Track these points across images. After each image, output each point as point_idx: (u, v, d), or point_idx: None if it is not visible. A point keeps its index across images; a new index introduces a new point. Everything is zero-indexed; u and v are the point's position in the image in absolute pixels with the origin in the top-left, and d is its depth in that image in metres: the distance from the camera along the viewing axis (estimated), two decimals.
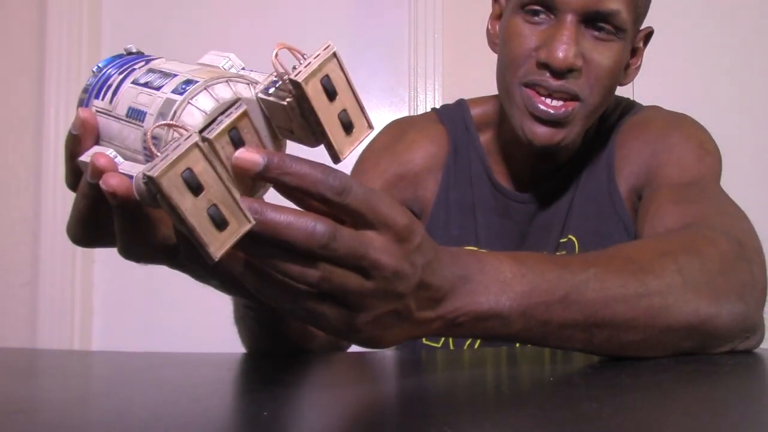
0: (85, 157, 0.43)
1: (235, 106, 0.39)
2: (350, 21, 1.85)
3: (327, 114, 0.40)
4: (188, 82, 0.40)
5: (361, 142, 0.42)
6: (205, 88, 0.39)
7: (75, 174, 0.45)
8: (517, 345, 0.86)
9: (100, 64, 0.47)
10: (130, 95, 0.42)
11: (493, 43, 0.88)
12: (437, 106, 1.01)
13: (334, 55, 0.40)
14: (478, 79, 0.91)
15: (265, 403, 0.44)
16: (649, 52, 0.90)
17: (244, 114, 0.39)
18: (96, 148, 0.43)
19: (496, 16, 0.88)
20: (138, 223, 0.42)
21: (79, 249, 1.84)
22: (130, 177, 0.39)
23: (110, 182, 0.38)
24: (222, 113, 0.39)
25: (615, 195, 0.86)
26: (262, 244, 0.39)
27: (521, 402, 0.45)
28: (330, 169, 0.39)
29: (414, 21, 1.80)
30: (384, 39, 1.85)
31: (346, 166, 0.50)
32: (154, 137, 0.39)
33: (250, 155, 0.38)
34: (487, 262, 0.50)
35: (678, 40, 1.71)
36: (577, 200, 0.87)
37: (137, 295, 1.83)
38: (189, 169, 0.35)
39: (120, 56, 0.47)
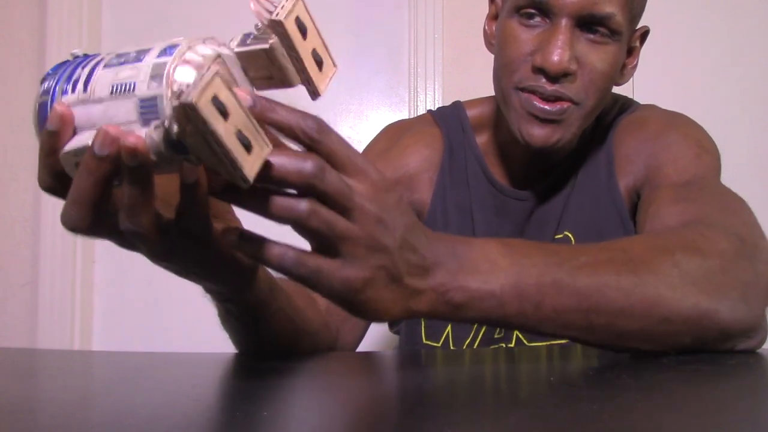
0: (70, 146, 0.43)
1: (217, 58, 0.42)
2: (350, 21, 1.85)
3: (304, 51, 0.44)
4: (170, 47, 0.42)
5: (331, 79, 0.45)
6: (189, 48, 0.42)
7: (53, 172, 0.45)
8: (513, 345, 0.86)
9: (50, 71, 0.47)
10: (107, 77, 0.43)
11: (489, 44, 0.88)
12: (437, 107, 1.02)
13: None
14: (478, 79, 0.91)
15: (265, 403, 0.44)
16: (649, 52, 0.90)
17: (219, 63, 0.42)
18: (79, 137, 0.44)
19: (493, 17, 0.88)
20: (147, 187, 0.43)
21: (79, 249, 1.85)
22: None
23: (131, 139, 0.40)
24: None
25: (615, 193, 0.86)
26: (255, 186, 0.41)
27: (521, 402, 0.45)
28: (309, 114, 0.43)
29: (414, 21, 1.80)
30: (384, 39, 1.85)
31: None
32: (151, 97, 0.41)
33: (241, 93, 0.41)
34: (474, 243, 0.51)
35: (678, 40, 1.71)
36: (574, 197, 0.88)
37: (137, 295, 1.83)
38: (216, 96, 0.38)
39: (67, 62, 0.47)
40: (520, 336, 0.86)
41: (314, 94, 0.45)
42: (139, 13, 1.90)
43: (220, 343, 0.67)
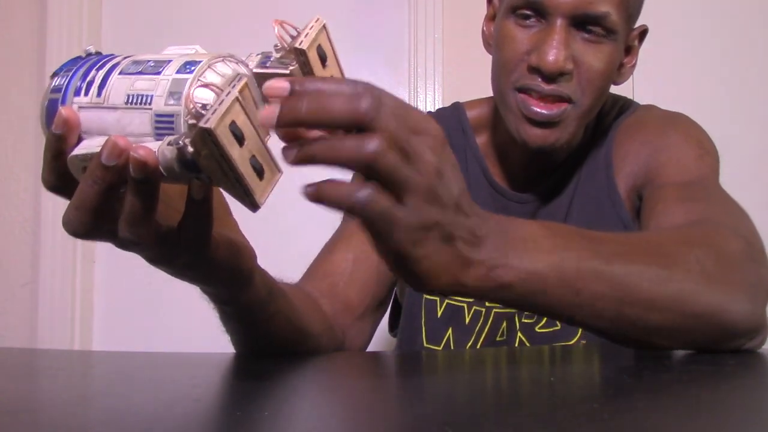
0: (79, 150, 0.43)
1: (237, 79, 0.42)
2: (350, 21, 1.85)
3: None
4: (190, 63, 0.42)
5: None
6: (209, 66, 0.42)
7: (58, 173, 0.45)
8: (529, 337, 0.86)
9: (63, 66, 0.47)
10: (123, 85, 0.43)
11: (487, 44, 0.88)
12: (438, 107, 1.02)
13: (324, 27, 0.45)
14: (478, 79, 0.90)
15: (265, 403, 0.44)
16: (649, 52, 0.90)
17: (246, 85, 0.41)
18: (89, 142, 0.43)
19: (491, 18, 0.88)
20: (151, 200, 0.43)
21: (79, 249, 1.84)
22: None
23: (141, 152, 0.39)
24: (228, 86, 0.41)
25: (614, 195, 0.86)
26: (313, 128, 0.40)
27: (521, 402, 0.45)
28: (358, 88, 0.39)
29: (414, 21, 1.79)
30: (384, 39, 1.85)
31: None
32: (168, 114, 0.41)
33: (279, 82, 0.39)
34: (517, 221, 0.49)
35: (678, 40, 1.71)
36: (576, 200, 0.87)
37: (137, 295, 1.83)
38: (234, 122, 0.38)
39: (79, 58, 0.47)
40: (523, 339, 0.86)
41: None
42: (139, 13, 1.90)
43: (220, 343, 0.67)
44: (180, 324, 1.77)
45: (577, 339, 0.84)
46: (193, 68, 0.42)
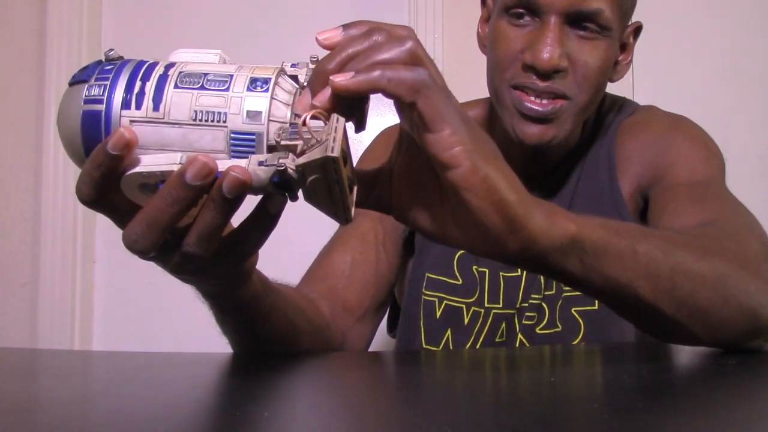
0: (142, 168, 0.42)
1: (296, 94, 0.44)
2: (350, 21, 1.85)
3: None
4: (259, 80, 0.43)
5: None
6: (275, 83, 0.43)
7: (102, 190, 0.43)
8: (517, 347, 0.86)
9: (90, 74, 0.44)
10: (184, 100, 0.42)
11: (482, 45, 0.88)
12: None
13: None
14: (479, 79, 0.90)
15: (265, 403, 0.44)
16: (649, 52, 0.90)
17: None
18: (151, 158, 0.42)
19: (485, 19, 0.88)
20: (231, 215, 0.43)
21: (79, 249, 1.85)
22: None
23: (239, 172, 0.40)
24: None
25: (617, 195, 0.86)
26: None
27: (521, 402, 0.45)
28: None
29: (414, 21, 1.80)
30: None
31: None
32: (248, 133, 0.42)
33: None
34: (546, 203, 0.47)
35: (678, 39, 1.71)
36: (576, 201, 0.87)
37: (137, 295, 1.83)
38: (342, 148, 0.40)
39: (101, 63, 0.45)
40: (523, 340, 0.86)
41: (359, 127, 0.46)
42: (139, 13, 1.90)
43: (220, 343, 0.67)
44: (180, 324, 1.77)
45: (578, 341, 0.84)
46: (265, 86, 0.42)
